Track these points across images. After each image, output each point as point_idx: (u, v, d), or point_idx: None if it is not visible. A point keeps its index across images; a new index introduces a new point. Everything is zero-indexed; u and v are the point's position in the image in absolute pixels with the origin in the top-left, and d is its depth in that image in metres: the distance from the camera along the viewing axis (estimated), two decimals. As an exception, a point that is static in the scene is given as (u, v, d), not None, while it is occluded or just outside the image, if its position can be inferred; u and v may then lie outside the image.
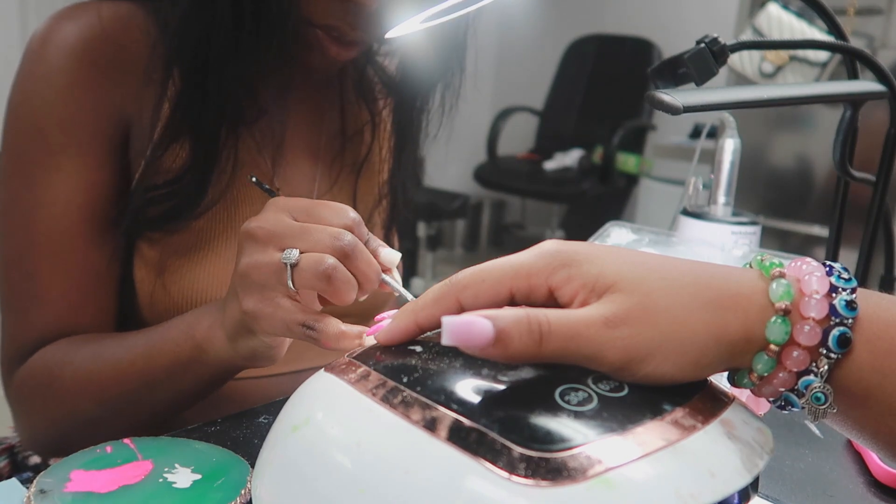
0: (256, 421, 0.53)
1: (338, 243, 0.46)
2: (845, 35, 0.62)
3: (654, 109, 0.64)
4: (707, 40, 0.54)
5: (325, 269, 0.44)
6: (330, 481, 0.29)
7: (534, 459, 0.26)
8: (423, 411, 0.29)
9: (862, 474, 0.52)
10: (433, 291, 0.35)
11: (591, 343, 0.30)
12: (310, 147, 0.73)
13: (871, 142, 0.67)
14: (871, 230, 0.64)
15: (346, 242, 0.46)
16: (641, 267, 0.32)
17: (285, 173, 0.70)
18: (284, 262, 0.45)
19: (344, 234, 0.46)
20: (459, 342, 0.30)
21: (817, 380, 0.31)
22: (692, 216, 0.72)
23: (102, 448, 0.43)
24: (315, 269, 0.45)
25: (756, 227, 0.71)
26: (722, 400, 0.32)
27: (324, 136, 0.74)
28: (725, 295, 0.31)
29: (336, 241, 0.46)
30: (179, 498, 0.38)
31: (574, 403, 0.29)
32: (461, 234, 4.00)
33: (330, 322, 0.46)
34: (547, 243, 0.34)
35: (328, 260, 0.45)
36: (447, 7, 0.49)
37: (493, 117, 3.54)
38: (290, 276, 0.45)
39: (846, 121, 0.63)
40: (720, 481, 0.27)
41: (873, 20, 2.15)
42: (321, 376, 0.34)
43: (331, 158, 0.74)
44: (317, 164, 0.73)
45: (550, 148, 3.53)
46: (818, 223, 2.27)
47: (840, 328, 0.31)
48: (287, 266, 0.45)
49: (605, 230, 0.73)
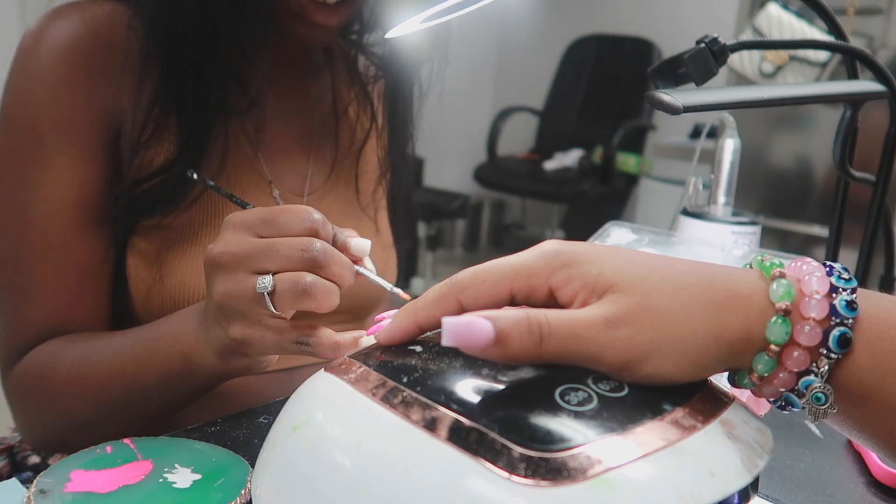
0: (256, 421, 0.53)
1: (308, 255, 0.45)
2: (845, 35, 0.62)
3: (654, 109, 0.64)
4: (707, 40, 0.54)
5: (304, 288, 0.44)
6: (330, 481, 0.29)
7: (534, 459, 0.26)
8: (423, 411, 0.29)
9: (862, 474, 0.52)
10: (433, 291, 0.35)
11: (591, 343, 0.30)
12: (302, 132, 0.73)
13: (871, 142, 0.67)
14: (871, 230, 0.64)
15: (317, 251, 0.45)
16: (642, 267, 0.32)
17: (277, 160, 0.70)
18: (261, 292, 0.44)
19: (312, 244, 0.45)
20: (459, 343, 0.30)
21: (817, 380, 0.31)
22: (692, 216, 0.72)
23: (102, 448, 0.43)
24: (293, 290, 0.44)
25: (756, 227, 0.71)
26: (722, 400, 0.32)
27: (315, 121, 0.74)
28: (726, 295, 0.31)
29: (306, 254, 0.45)
30: (179, 498, 0.38)
31: (574, 403, 0.29)
32: (461, 234, 4.00)
33: (322, 334, 0.46)
34: (547, 243, 0.34)
35: (305, 278, 0.44)
36: (447, 7, 0.49)
37: (493, 117, 3.54)
38: (270, 302, 0.45)
39: (846, 121, 0.63)
40: (720, 481, 0.27)
41: (873, 20, 2.15)
42: (321, 376, 0.34)
43: (325, 143, 0.74)
44: (310, 149, 0.73)
45: (550, 148, 3.53)
46: (818, 223, 2.27)
47: (840, 328, 0.31)
48: (265, 294, 0.44)
49: (605, 230, 0.73)
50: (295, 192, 0.70)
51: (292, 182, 0.70)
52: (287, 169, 0.70)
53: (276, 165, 0.70)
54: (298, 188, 0.71)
